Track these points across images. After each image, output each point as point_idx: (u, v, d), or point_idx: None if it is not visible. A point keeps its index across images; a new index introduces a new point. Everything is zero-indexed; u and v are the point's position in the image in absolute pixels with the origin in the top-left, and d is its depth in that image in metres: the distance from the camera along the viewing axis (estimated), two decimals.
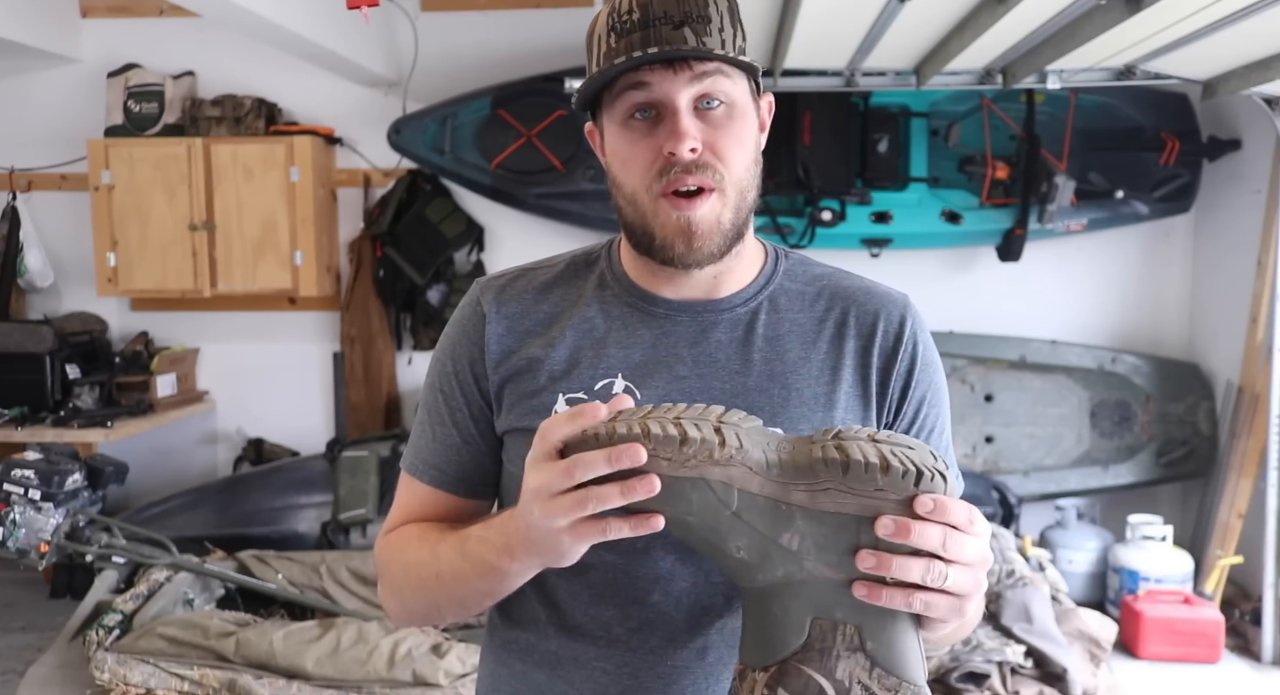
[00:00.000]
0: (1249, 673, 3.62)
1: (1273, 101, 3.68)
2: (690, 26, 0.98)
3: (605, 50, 1.01)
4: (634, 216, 1.04)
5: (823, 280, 1.13)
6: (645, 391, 1.04)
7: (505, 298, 1.11)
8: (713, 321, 1.07)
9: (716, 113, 1.01)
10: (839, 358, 1.08)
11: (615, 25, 1.00)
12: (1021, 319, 4.58)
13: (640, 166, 1.01)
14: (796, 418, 1.05)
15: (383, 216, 4.62)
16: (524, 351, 1.08)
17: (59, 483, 3.01)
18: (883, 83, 3.88)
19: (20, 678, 3.01)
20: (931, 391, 1.11)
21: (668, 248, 1.02)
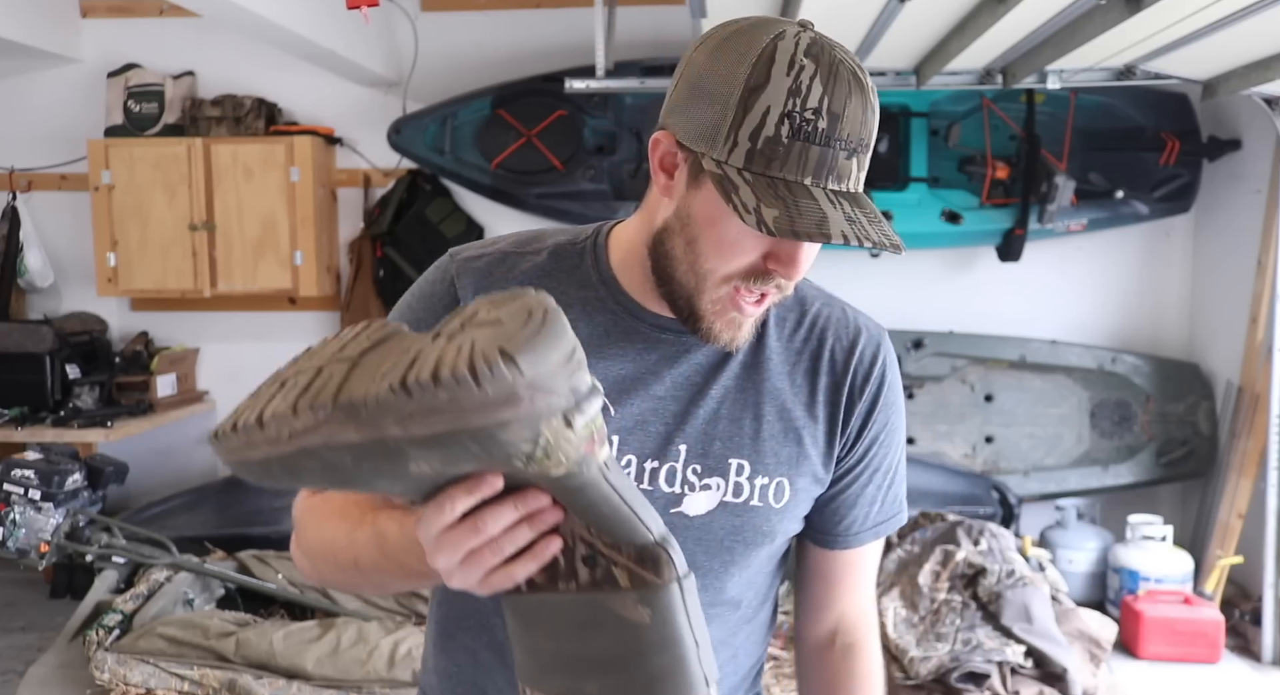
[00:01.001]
0: (1249, 673, 3.62)
1: (1273, 101, 3.68)
2: (859, 156, 0.91)
3: (771, 135, 0.88)
4: (688, 282, 0.98)
5: (805, 305, 1.10)
6: (621, 409, 1.02)
7: (484, 284, 1.04)
8: (695, 343, 1.04)
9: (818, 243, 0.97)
10: (812, 394, 1.07)
11: (794, 115, 0.88)
12: (1021, 319, 4.58)
13: (738, 263, 0.95)
14: (764, 451, 1.04)
15: (383, 216, 4.62)
16: None
17: (59, 483, 3.01)
18: (883, 83, 3.87)
19: (20, 678, 3.01)
20: (885, 433, 1.10)
21: (710, 333, 0.99)
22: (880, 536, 1.15)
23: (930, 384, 4.47)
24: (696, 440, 1.03)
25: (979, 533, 3.40)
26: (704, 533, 1.03)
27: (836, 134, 0.89)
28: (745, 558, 1.06)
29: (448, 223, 4.65)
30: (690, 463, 1.03)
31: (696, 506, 1.03)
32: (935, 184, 4.42)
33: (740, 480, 1.04)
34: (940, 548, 3.33)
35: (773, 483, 1.05)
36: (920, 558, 3.35)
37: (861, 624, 1.17)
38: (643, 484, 1.03)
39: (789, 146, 0.89)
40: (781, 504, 1.05)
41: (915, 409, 4.46)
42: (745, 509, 1.04)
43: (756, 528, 1.05)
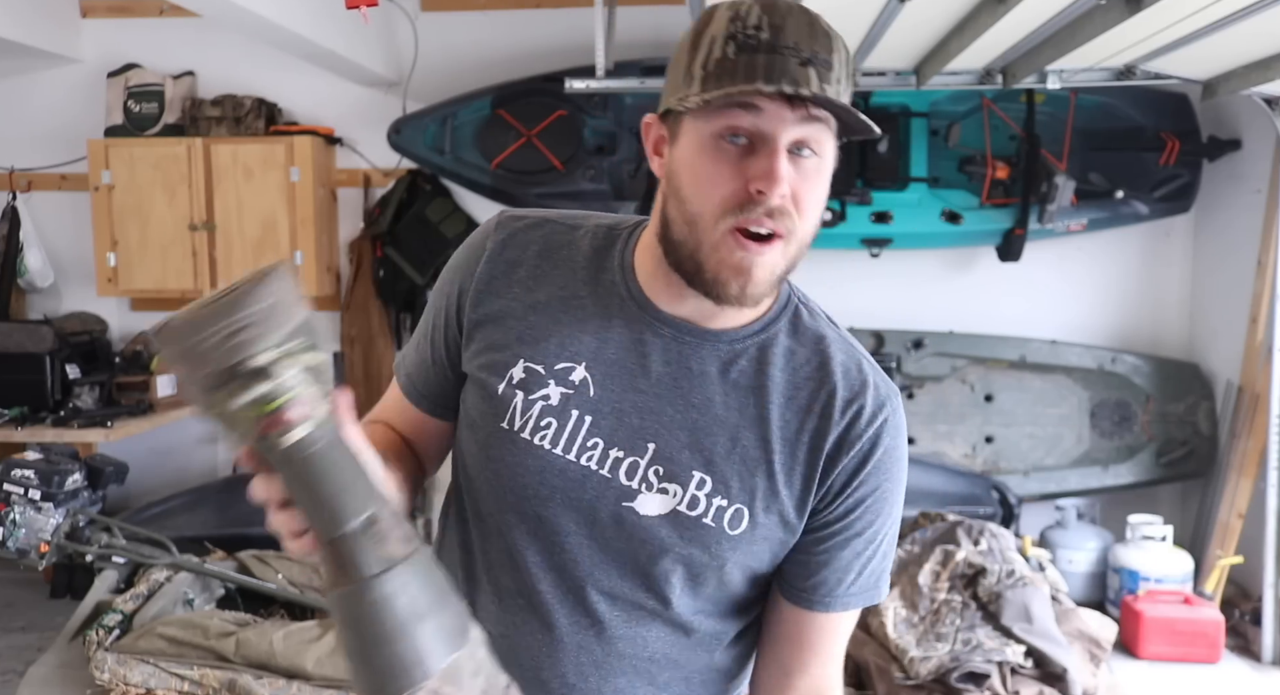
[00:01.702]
0: (1249, 673, 3.62)
1: (1273, 101, 3.68)
2: (815, 67, 0.92)
3: (719, 57, 0.93)
4: (687, 237, 0.98)
5: (821, 345, 1.07)
6: (601, 391, 1.03)
7: (513, 241, 1.09)
8: (694, 347, 1.04)
9: (808, 163, 0.96)
10: (799, 433, 1.03)
11: (737, 35, 0.93)
12: (1021, 319, 4.58)
13: (721, 191, 0.95)
14: (729, 474, 1.02)
15: (383, 216, 4.62)
16: (506, 300, 1.07)
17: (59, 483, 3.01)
18: (883, 83, 3.88)
19: (20, 678, 3.01)
20: (875, 497, 1.05)
21: (719, 284, 0.97)
22: (852, 608, 1.09)
23: (930, 384, 4.47)
24: (667, 443, 1.02)
25: (979, 533, 3.40)
26: (650, 535, 1.02)
27: (781, 42, 0.92)
28: (691, 576, 1.04)
29: (448, 223, 4.65)
30: (655, 463, 1.02)
31: (648, 507, 1.02)
32: (935, 184, 4.42)
33: (698, 494, 1.02)
34: (940, 548, 3.33)
35: (731, 507, 1.02)
36: (920, 558, 3.34)
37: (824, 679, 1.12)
38: (603, 469, 1.03)
39: (736, 61, 0.92)
40: (737, 531, 1.02)
41: (915, 409, 4.46)
42: (696, 524, 1.02)
43: (705, 547, 1.02)
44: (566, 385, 1.04)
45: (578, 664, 1.06)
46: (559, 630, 1.05)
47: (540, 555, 1.05)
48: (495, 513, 1.07)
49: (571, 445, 1.03)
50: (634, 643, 1.06)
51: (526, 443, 1.04)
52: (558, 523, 1.04)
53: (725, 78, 0.92)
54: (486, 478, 1.07)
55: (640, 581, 1.04)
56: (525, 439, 1.04)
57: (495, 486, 1.06)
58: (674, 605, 1.05)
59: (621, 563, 1.04)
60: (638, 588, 1.05)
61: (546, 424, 1.03)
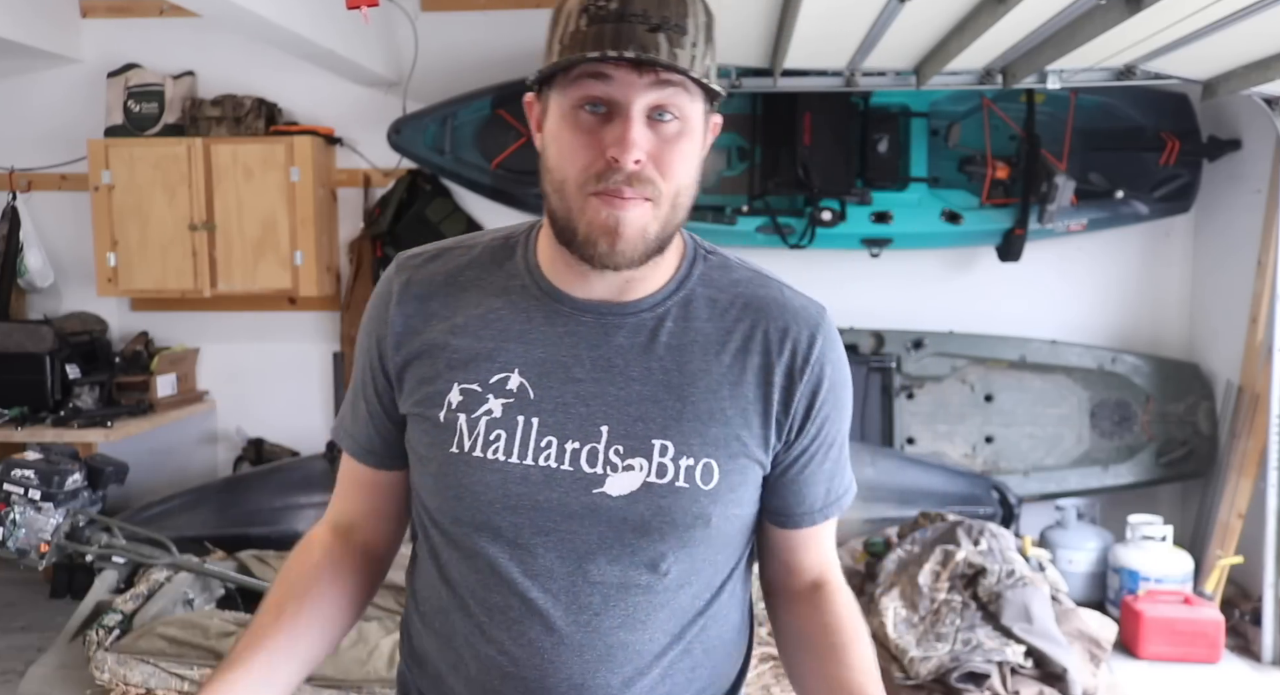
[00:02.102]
0: (1249, 673, 3.62)
1: (1273, 101, 3.68)
2: (666, 32, 0.95)
3: (573, 30, 0.97)
4: (559, 206, 1.02)
5: (739, 287, 1.10)
6: (540, 391, 1.05)
7: (417, 277, 1.11)
8: (617, 324, 1.06)
9: (668, 126, 0.99)
10: (741, 373, 1.06)
11: (589, 8, 0.97)
12: (1021, 319, 4.58)
13: (580, 161, 0.98)
14: (689, 431, 1.04)
15: (383, 216, 4.62)
16: (426, 335, 1.09)
17: (59, 483, 3.01)
18: (883, 83, 3.88)
19: (20, 678, 3.01)
20: (835, 410, 1.11)
21: (590, 244, 1.00)
22: (839, 512, 1.16)
23: (930, 384, 4.47)
24: (619, 421, 1.04)
25: (979, 533, 3.40)
26: (628, 513, 1.03)
27: (629, 10, 0.95)
28: (679, 540, 1.05)
29: (448, 223, 4.65)
30: (613, 443, 1.04)
31: (619, 487, 1.03)
32: (935, 184, 4.42)
33: (664, 461, 1.04)
34: (940, 548, 3.33)
35: (699, 464, 1.04)
36: (920, 558, 3.34)
37: (828, 572, 1.18)
38: (563, 464, 1.04)
39: (587, 32, 0.96)
40: (711, 486, 1.04)
41: (915, 409, 4.46)
42: (670, 490, 1.03)
43: (685, 509, 1.04)
44: (505, 395, 1.05)
45: (583, 661, 1.05)
46: (560, 631, 1.05)
47: (523, 564, 1.05)
48: (467, 536, 1.07)
49: (526, 450, 1.04)
50: (635, 624, 1.06)
51: (480, 460, 1.05)
52: (534, 528, 1.04)
53: (576, 49, 0.96)
54: (450, 506, 1.07)
55: (631, 561, 1.05)
56: (478, 457, 1.05)
57: (460, 511, 1.06)
58: (670, 575, 1.06)
59: (608, 548, 1.04)
60: (629, 568, 1.05)
61: (496, 437, 1.04)
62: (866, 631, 1.14)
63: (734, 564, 1.13)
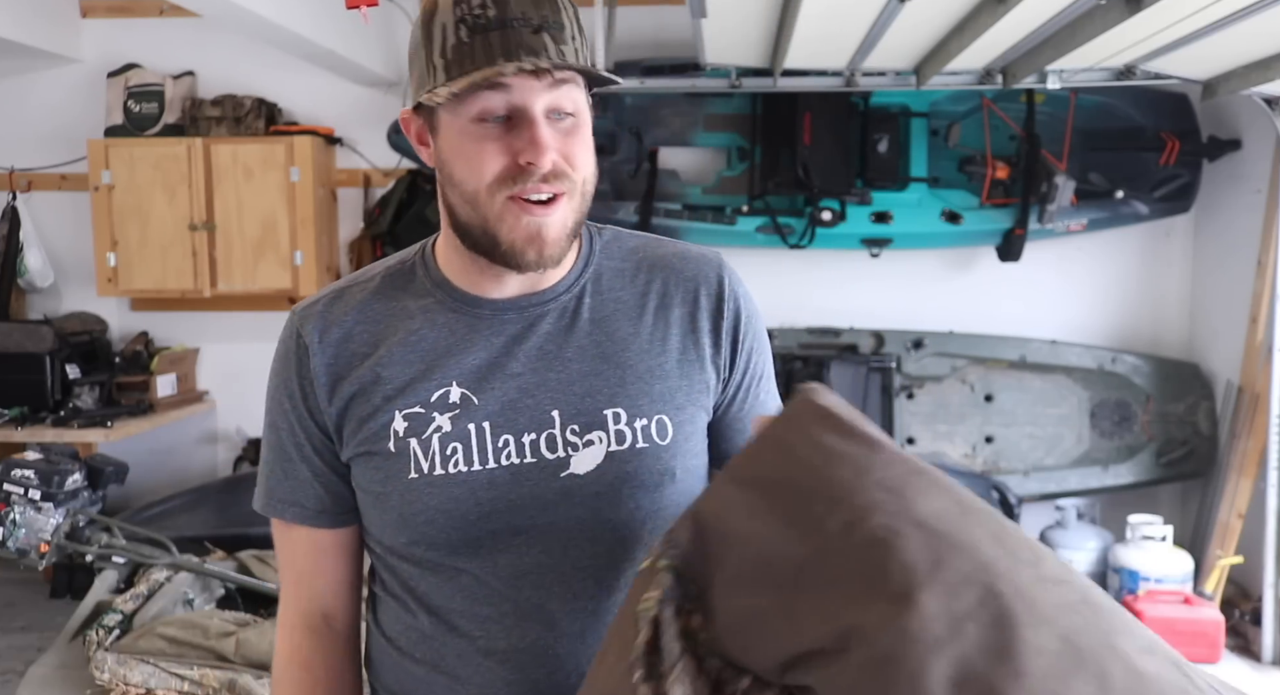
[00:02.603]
0: (1249, 673, 3.62)
1: (1273, 101, 3.67)
2: (548, 32, 0.96)
3: (454, 43, 0.96)
4: (472, 217, 1.01)
5: (639, 253, 1.14)
6: (483, 396, 1.05)
7: (326, 324, 1.09)
8: (540, 314, 1.08)
9: (564, 123, 1.00)
10: (666, 328, 1.10)
11: (465, 18, 0.96)
12: (1021, 319, 4.58)
13: (490, 170, 0.99)
14: (635, 393, 1.07)
15: (383, 216, 4.62)
16: (355, 376, 1.07)
17: (59, 483, 3.01)
18: (883, 83, 3.88)
19: (20, 678, 3.01)
20: (757, 341, 1.16)
21: (516, 254, 1.01)
22: None
23: (930, 384, 4.47)
24: (567, 402, 1.06)
25: None
26: (600, 486, 1.05)
27: (509, 15, 0.95)
28: (651, 502, 1.07)
29: None
30: (567, 424, 1.06)
31: (584, 464, 1.05)
32: (935, 184, 4.42)
33: (620, 428, 1.06)
34: None
35: (652, 421, 1.07)
36: None
37: None
38: (525, 458, 1.05)
39: (471, 43, 0.95)
40: (667, 440, 1.07)
41: (915, 409, 4.46)
42: (633, 453, 1.06)
43: (650, 468, 1.07)
44: (450, 409, 1.05)
45: (586, 647, 1.06)
46: (560, 624, 1.06)
47: (509, 568, 1.05)
48: (445, 557, 1.06)
49: (485, 455, 1.04)
50: (617, 586, 1.07)
51: (443, 477, 1.04)
52: (512, 529, 1.05)
53: (466, 62, 0.95)
54: (421, 532, 1.06)
55: (613, 537, 1.06)
56: (440, 474, 1.04)
57: (434, 535, 1.05)
58: (645, 537, 1.08)
59: (587, 528, 1.06)
60: (613, 545, 1.07)
61: (452, 451, 1.04)
62: None
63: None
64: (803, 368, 4.37)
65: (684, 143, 4.57)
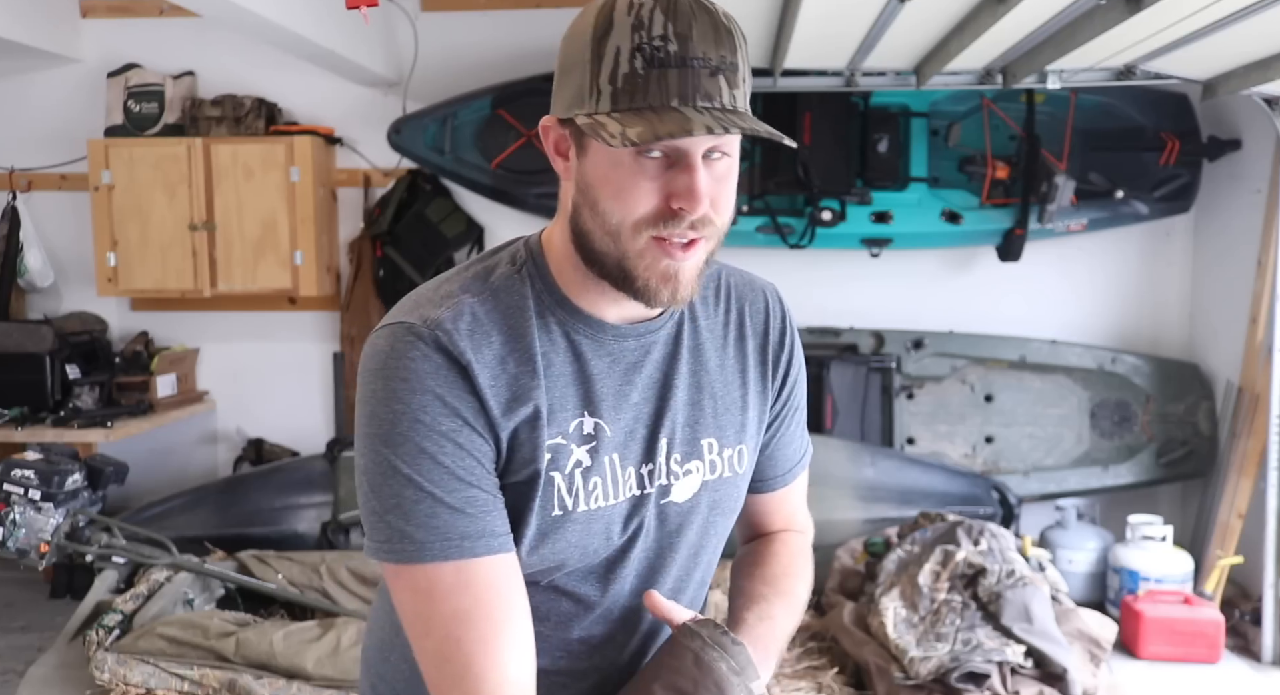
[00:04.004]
0: (1249, 673, 3.62)
1: (1273, 101, 3.67)
2: (724, 75, 0.92)
3: (627, 72, 0.91)
4: (610, 249, 0.97)
5: (717, 280, 1.16)
6: (611, 426, 1.04)
7: (477, 342, 0.98)
8: (652, 341, 1.08)
9: (720, 165, 0.97)
10: (744, 359, 1.14)
11: (644, 47, 0.90)
12: (1021, 319, 4.58)
13: (641, 207, 0.95)
14: (724, 424, 1.11)
15: (383, 216, 4.62)
16: (520, 400, 0.99)
17: (59, 483, 3.01)
18: (883, 83, 3.88)
19: (20, 678, 3.01)
20: (800, 372, 1.20)
21: (651, 293, 0.98)
22: (804, 469, 1.25)
23: (930, 384, 4.47)
24: (673, 431, 1.08)
25: (979, 533, 3.40)
26: (692, 515, 1.10)
27: (690, 54, 0.90)
28: (725, 527, 1.16)
29: (448, 223, 4.65)
30: (672, 453, 1.08)
31: (683, 493, 1.09)
32: (935, 184, 4.42)
33: (714, 457, 1.11)
34: (940, 548, 3.33)
35: (735, 452, 1.12)
36: (920, 558, 3.34)
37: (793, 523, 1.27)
38: (645, 489, 1.07)
39: (646, 76, 0.90)
40: (743, 469, 1.14)
41: (915, 409, 4.46)
42: (720, 483, 1.12)
43: (730, 496, 1.13)
44: (585, 441, 1.03)
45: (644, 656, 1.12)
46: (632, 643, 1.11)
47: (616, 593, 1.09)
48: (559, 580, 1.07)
49: (618, 489, 1.06)
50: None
51: (586, 513, 1.04)
52: (624, 556, 1.08)
53: (638, 96, 0.91)
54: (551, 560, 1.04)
55: (693, 560, 1.12)
56: (583, 510, 1.03)
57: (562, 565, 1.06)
58: (705, 559, 1.15)
59: (676, 552, 1.11)
60: (692, 566, 1.13)
61: (594, 486, 1.04)
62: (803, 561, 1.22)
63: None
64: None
65: None
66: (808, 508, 1.30)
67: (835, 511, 3.87)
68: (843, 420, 4.39)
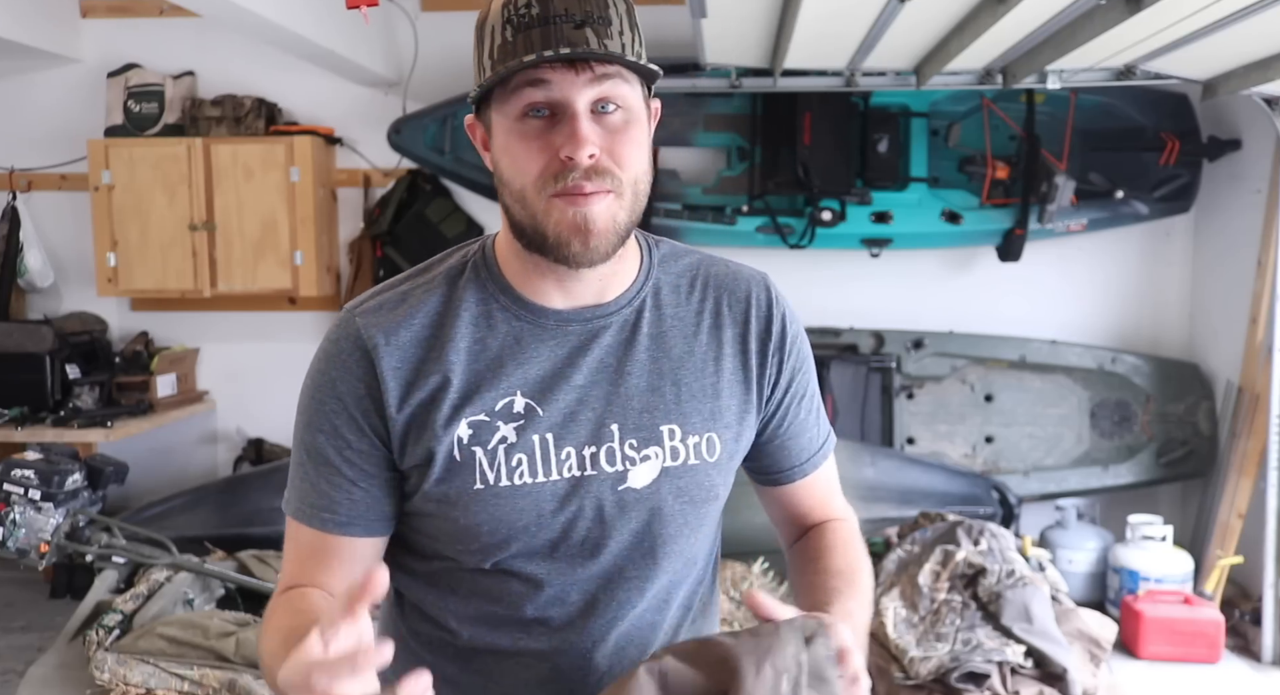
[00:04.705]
0: (1249, 673, 3.62)
1: (1273, 101, 3.67)
2: (592, 27, 0.96)
3: (500, 43, 0.98)
4: (523, 216, 1.01)
5: (695, 270, 1.15)
6: (546, 407, 1.05)
7: (392, 325, 1.05)
8: (602, 326, 1.08)
9: (613, 118, 1.00)
10: (719, 347, 1.12)
11: (511, 18, 0.97)
12: (1021, 319, 4.58)
13: (534, 167, 0.99)
14: (689, 411, 1.09)
15: (383, 216, 4.62)
16: (423, 381, 1.04)
17: (59, 483, 3.01)
18: (883, 83, 3.88)
19: (20, 678, 3.01)
20: (802, 360, 1.18)
21: (562, 246, 1.00)
22: (827, 458, 1.23)
23: (930, 384, 4.47)
24: (626, 416, 1.08)
25: (979, 533, 3.40)
26: (654, 501, 1.08)
27: (551, 12, 0.96)
28: (698, 517, 1.12)
29: (448, 223, 4.65)
30: (626, 438, 1.07)
31: (641, 478, 1.08)
32: (935, 184, 4.42)
33: (675, 444, 1.09)
34: (940, 548, 3.33)
35: (703, 439, 1.10)
36: (920, 558, 3.34)
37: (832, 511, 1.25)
38: (586, 471, 1.06)
39: (514, 41, 0.97)
40: (715, 458, 1.11)
41: (915, 409, 4.46)
42: (685, 470, 1.09)
43: (699, 485, 1.10)
44: (514, 419, 1.05)
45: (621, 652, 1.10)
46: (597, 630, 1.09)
47: (561, 574, 1.08)
48: (501, 563, 1.08)
49: (549, 467, 1.05)
50: (661, 605, 1.12)
51: (509, 489, 1.05)
52: (571, 539, 1.07)
53: (508, 58, 0.97)
54: (483, 541, 1.06)
55: (662, 550, 1.10)
56: (506, 486, 1.05)
57: (494, 543, 1.06)
58: (689, 550, 1.13)
59: (639, 541, 1.09)
60: (661, 557, 1.10)
61: (518, 462, 1.05)
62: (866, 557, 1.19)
63: (719, 531, 1.22)
64: None
65: (684, 143, 4.57)
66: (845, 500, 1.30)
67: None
68: (843, 420, 4.40)
